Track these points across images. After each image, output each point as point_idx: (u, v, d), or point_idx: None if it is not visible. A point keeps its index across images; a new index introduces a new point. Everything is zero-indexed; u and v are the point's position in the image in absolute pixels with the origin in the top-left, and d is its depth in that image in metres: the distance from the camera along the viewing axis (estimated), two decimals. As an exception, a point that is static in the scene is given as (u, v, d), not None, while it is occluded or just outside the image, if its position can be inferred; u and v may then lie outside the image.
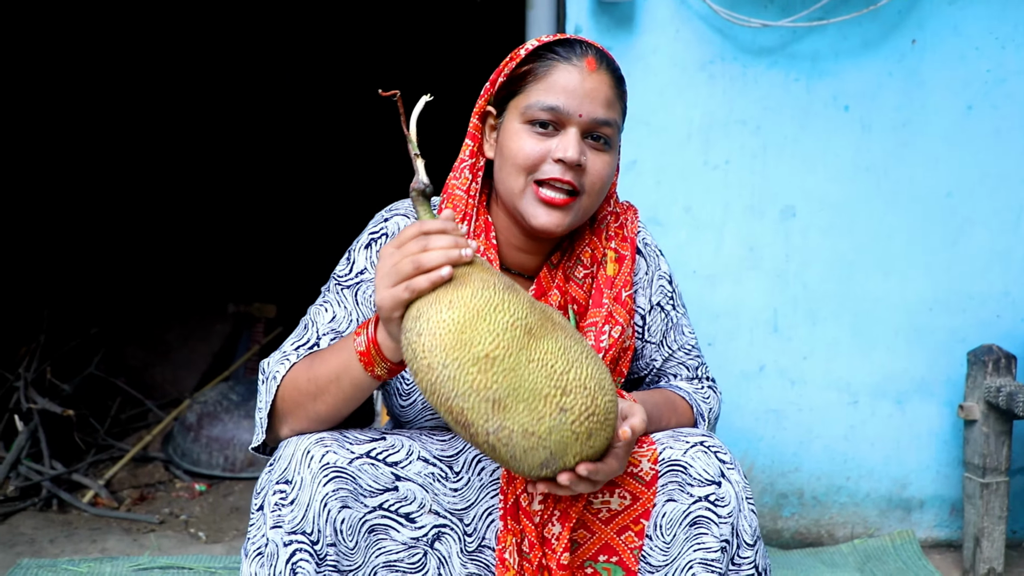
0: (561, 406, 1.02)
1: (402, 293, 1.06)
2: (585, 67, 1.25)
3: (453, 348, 1.01)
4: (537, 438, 1.02)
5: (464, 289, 1.05)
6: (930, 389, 2.33)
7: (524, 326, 1.04)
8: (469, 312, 1.02)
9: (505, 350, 1.02)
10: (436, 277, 1.05)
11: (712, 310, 2.28)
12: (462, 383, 1.01)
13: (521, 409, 1.02)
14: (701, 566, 1.21)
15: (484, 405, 1.01)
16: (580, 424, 1.03)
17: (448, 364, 1.01)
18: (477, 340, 1.01)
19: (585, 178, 1.26)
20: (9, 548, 2.28)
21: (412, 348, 1.04)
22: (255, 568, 1.16)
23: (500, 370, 1.01)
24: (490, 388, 1.01)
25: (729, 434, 2.30)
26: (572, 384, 1.03)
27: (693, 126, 2.22)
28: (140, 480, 2.87)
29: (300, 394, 1.21)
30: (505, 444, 1.03)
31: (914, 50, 2.24)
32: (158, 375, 3.68)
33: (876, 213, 2.29)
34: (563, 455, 1.04)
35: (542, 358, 1.03)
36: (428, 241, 1.07)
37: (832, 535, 2.36)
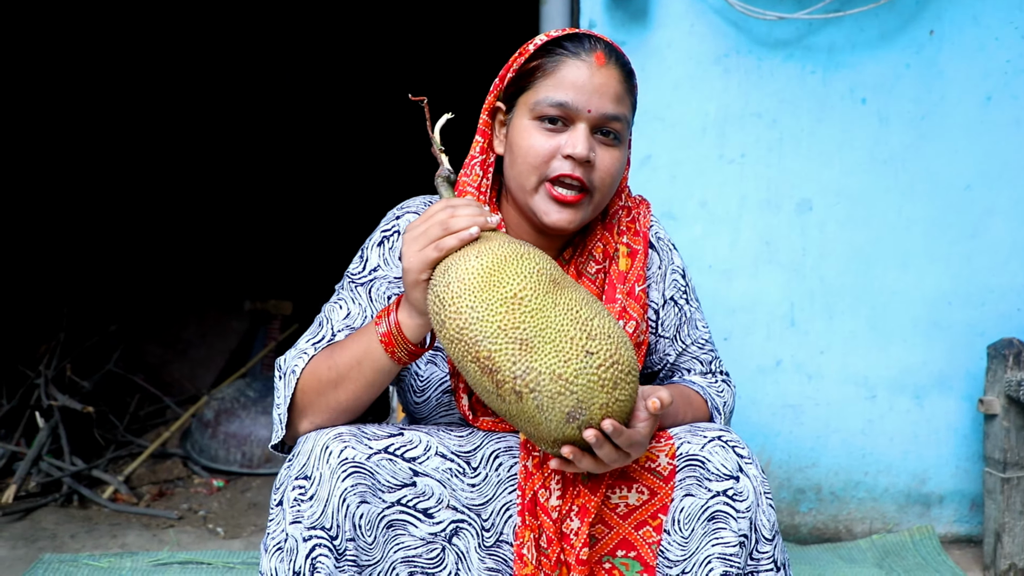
0: (587, 349, 1.04)
1: (431, 253, 1.10)
2: (594, 62, 1.25)
3: (482, 290, 1.04)
4: (564, 381, 1.04)
5: (490, 241, 1.10)
6: (949, 383, 2.32)
7: (549, 276, 1.08)
8: (496, 259, 1.07)
9: (532, 292, 1.05)
10: (466, 235, 1.10)
11: (728, 305, 2.27)
12: (490, 324, 1.03)
13: (548, 350, 1.03)
14: (719, 561, 1.20)
15: (512, 346, 1.03)
16: (606, 370, 1.05)
17: (476, 306, 1.04)
18: (505, 282, 1.05)
19: (595, 174, 1.26)
20: (31, 543, 2.30)
21: (440, 299, 1.07)
22: (275, 563, 1.17)
23: (528, 310, 1.04)
24: (518, 328, 1.03)
25: (746, 429, 2.30)
26: (597, 331, 1.06)
27: (708, 120, 2.21)
28: (159, 476, 2.89)
29: (321, 383, 1.22)
30: (532, 390, 1.04)
31: (932, 41, 2.21)
32: (176, 372, 3.71)
33: (894, 206, 2.27)
34: (590, 403, 1.05)
35: (567, 304, 1.06)
36: (455, 209, 1.12)
37: (850, 530, 2.35)
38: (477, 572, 1.24)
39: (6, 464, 2.77)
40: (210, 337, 3.83)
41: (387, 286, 1.31)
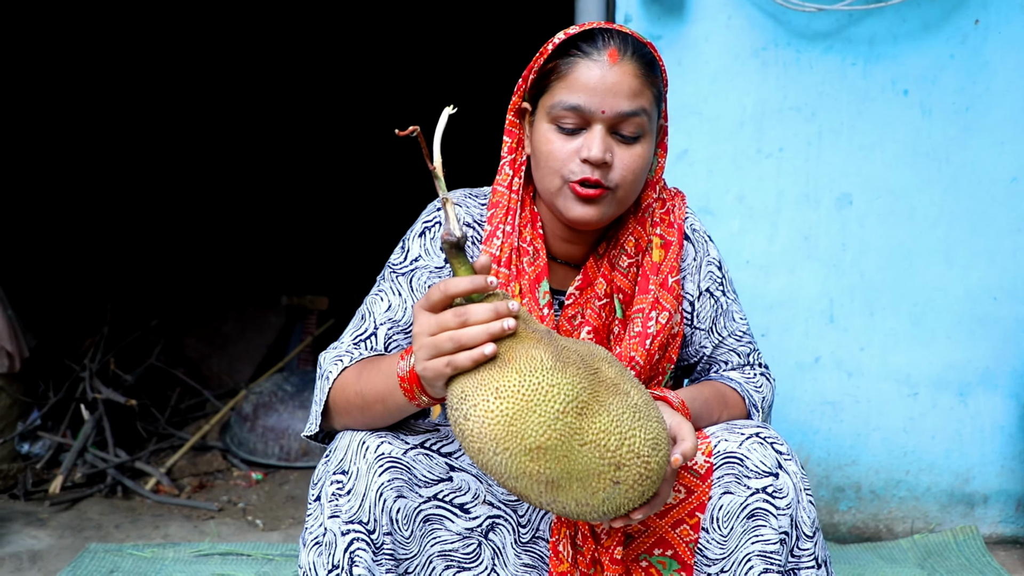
0: (615, 480, 1.02)
1: (444, 369, 1.03)
2: (606, 61, 1.23)
3: (503, 439, 0.99)
4: (591, 507, 1.03)
5: (511, 374, 1.00)
6: (994, 380, 2.26)
7: (575, 408, 1.00)
8: (518, 403, 0.99)
9: (557, 439, 0.99)
10: (479, 355, 1.01)
11: (766, 300, 2.25)
12: (515, 469, 1.00)
13: (575, 487, 1.02)
14: (759, 558, 1.19)
15: (538, 486, 1.01)
16: (633, 491, 1.04)
17: (499, 452, 1.00)
18: (528, 433, 0.99)
19: (613, 174, 1.25)
20: (78, 532, 2.36)
21: (460, 428, 1.02)
22: (313, 557, 1.19)
23: (552, 459, 1.00)
24: (543, 474, 1.00)
25: (784, 426, 2.27)
26: (626, 457, 1.02)
27: (746, 114, 2.19)
28: (199, 468, 2.95)
29: (349, 405, 1.23)
30: (560, 511, 1.05)
31: (977, 31, 2.16)
32: (215, 366, 3.77)
33: (936, 200, 2.22)
34: (616, 513, 1.06)
35: (595, 439, 1.01)
36: (468, 314, 1.02)
37: (891, 530, 2.31)
38: (513, 568, 1.25)
39: (53, 455, 2.84)
40: (248, 332, 3.89)
41: (428, 276, 1.32)
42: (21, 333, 2.85)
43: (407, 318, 1.31)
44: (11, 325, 2.80)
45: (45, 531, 2.35)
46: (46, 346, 3.14)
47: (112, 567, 2.11)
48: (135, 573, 2.09)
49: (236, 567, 2.13)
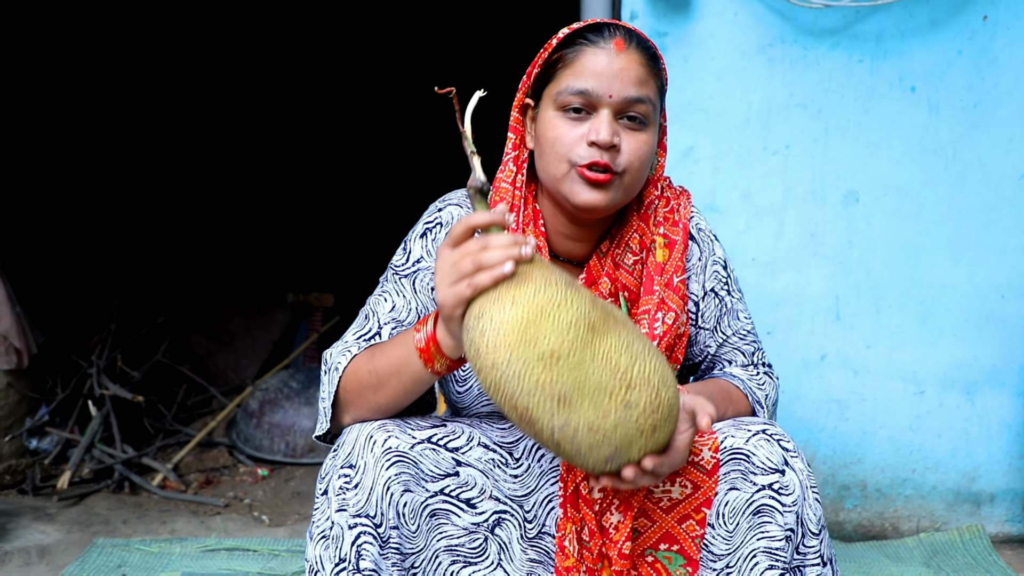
0: (626, 402, 1.03)
1: (464, 290, 1.05)
2: (613, 48, 1.25)
3: (517, 346, 1.01)
4: (602, 434, 1.03)
5: (526, 287, 1.04)
6: (1001, 379, 2.26)
7: (587, 323, 1.04)
8: (533, 310, 1.02)
9: (570, 347, 1.02)
10: (499, 273, 1.04)
11: (772, 298, 2.25)
12: (527, 380, 1.01)
13: (586, 405, 1.02)
14: (765, 555, 1.19)
15: (549, 402, 1.01)
16: (645, 419, 1.03)
17: (512, 362, 1.01)
18: (542, 337, 1.01)
19: (621, 158, 1.25)
20: (86, 527, 2.37)
21: (475, 346, 1.04)
22: (320, 551, 1.19)
23: (565, 367, 1.01)
24: (555, 385, 1.01)
25: (790, 424, 2.27)
26: (636, 379, 1.03)
27: (752, 111, 2.18)
28: (206, 464, 2.96)
29: (361, 385, 1.23)
30: (570, 441, 1.03)
31: (986, 27, 2.16)
32: (221, 362, 3.78)
33: (944, 197, 2.22)
34: (627, 450, 1.05)
35: (606, 354, 1.03)
36: (488, 240, 1.07)
37: (896, 528, 2.31)
38: (519, 563, 1.25)
39: (60, 451, 2.85)
40: (254, 329, 3.90)
41: (430, 277, 1.32)
42: (29, 330, 2.86)
43: (411, 319, 1.31)
44: (19, 322, 2.81)
45: (53, 526, 2.36)
46: (54, 343, 3.15)
47: (120, 562, 2.12)
48: (142, 568, 2.10)
49: (242, 562, 2.14)
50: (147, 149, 4.65)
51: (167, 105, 4.68)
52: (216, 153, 4.80)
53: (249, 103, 4.84)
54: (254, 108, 4.85)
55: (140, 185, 4.60)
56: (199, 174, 4.77)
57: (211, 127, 4.77)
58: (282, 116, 4.90)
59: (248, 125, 4.85)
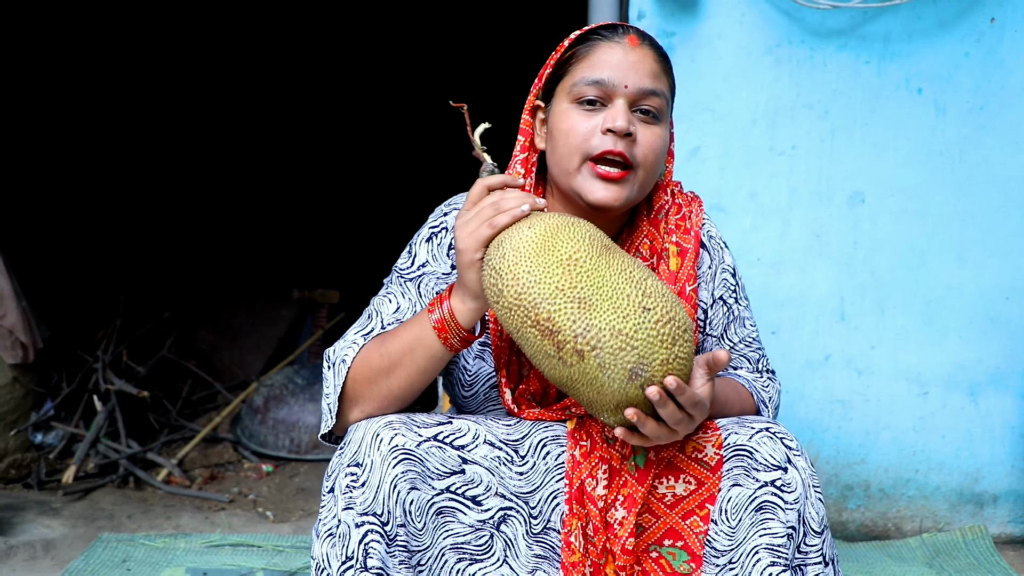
0: (644, 306, 1.07)
1: (484, 230, 1.13)
2: (627, 43, 1.27)
3: (537, 255, 1.08)
4: (625, 336, 1.05)
5: (541, 216, 1.13)
6: (1005, 380, 2.26)
7: (600, 241, 1.12)
8: (549, 227, 1.11)
9: (586, 253, 1.09)
10: (518, 212, 1.13)
11: (777, 298, 2.25)
12: (548, 285, 1.06)
13: (607, 307, 1.06)
14: (767, 551, 1.20)
15: (571, 305, 1.06)
16: (664, 325, 1.07)
17: (533, 270, 1.07)
18: (560, 246, 1.09)
19: (637, 149, 1.25)
20: (91, 522, 2.38)
21: (497, 270, 1.10)
22: (326, 549, 1.19)
23: (584, 270, 1.07)
24: (575, 287, 1.06)
25: (794, 424, 2.27)
26: (652, 289, 1.09)
27: (759, 111, 2.19)
28: (210, 460, 2.97)
29: (373, 371, 1.24)
30: (594, 347, 1.06)
31: (993, 29, 2.16)
32: (226, 358, 3.79)
33: (950, 198, 2.22)
34: (651, 359, 1.06)
35: (620, 265, 1.10)
36: (504, 192, 1.17)
37: (899, 528, 2.31)
38: (525, 559, 1.25)
39: (66, 446, 2.87)
40: (259, 325, 3.91)
41: (435, 282, 1.33)
42: (35, 324, 2.87)
43: None
44: (25, 316, 2.82)
45: (58, 520, 2.38)
46: (60, 337, 3.16)
47: (124, 556, 2.13)
48: (147, 563, 2.11)
49: (247, 558, 2.15)
50: (155, 145, 4.66)
51: (175, 102, 4.69)
52: (224, 150, 4.81)
53: (256, 100, 4.85)
54: (261, 105, 4.86)
55: (147, 180, 4.61)
56: (207, 170, 4.78)
57: (219, 124, 4.78)
58: (289, 113, 4.91)
59: (255, 122, 4.86)
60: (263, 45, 4.78)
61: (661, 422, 1.12)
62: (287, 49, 4.83)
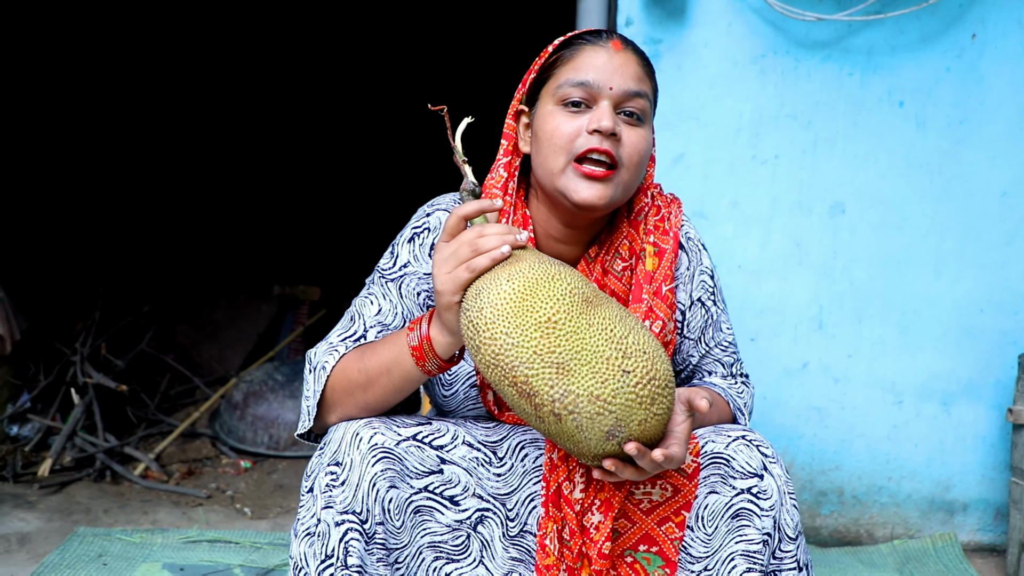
0: (624, 368, 1.04)
1: (462, 273, 1.10)
2: (611, 47, 1.28)
3: (515, 315, 1.04)
4: (603, 402, 1.03)
5: (521, 263, 1.09)
6: (978, 391, 2.30)
7: (581, 295, 1.07)
8: (528, 282, 1.06)
9: (566, 315, 1.05)
10: (497, 254, 1.09)
11: (756, 306, 2.27)
12: (526, 349, 1.03)
13: (585, 372, 1.03)
14: (743, 558, 1.21)
15: (549, 371, 1.03)
16: (643, 387, 1.04)
17: (511, 332, 1.04)
18: (538, 306, 1.05)
19: (622, 149, 1.26)
20: (66, 516, 2.37)
21: (474, 324, 1.06)
22: (304, 548, 1.20)
23: (562, 333, 1.04)
24: (554, 352, 1.03)
25: (770, 430, 2.30)
26: (632, 348, 1.05)
27: (743, 120, 2.21)
28: (188, 455, 2.95)
29: (351, 384, 1.24)
30: (571, 411, 1.04)
31: (974, 45, 2.19)
32: (205, 353, 3.77)
33: (928, 211, 2.25)
34: (628, 421, 1.05)
35: (601, 323, 1.06)
36: (483, 228, 1.12)
37: (871, 535, 2.35)
38: (501, 560, 1.26)
39: (42, 438, 2.84)
40: (240, 320, 3.89)
41: (417, 282, 1.33)
42: (13, 315, 2.85)
43: (396, 323, 1.32)
44: (3, 308, 2.79)
45: (34, 514, 2.36)
46: (38, 329, 3.13)
47: (100, 551, 2.12)
48: (123, 558, 2.10)
49: (224, 554, 2.14)
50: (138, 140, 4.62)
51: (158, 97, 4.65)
52: (207, 145, 4.79)
53: (240, 97, 4.82)
54: (245, 102, 4.84)
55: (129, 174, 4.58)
56: (190, 165, 4.75)
57: (203, 120, 4.75)
58: (273, 111, 4.89)
59: (239, 119, 4.83)
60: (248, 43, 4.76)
61: (639, 468, 1.11)
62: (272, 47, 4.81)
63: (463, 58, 4.71)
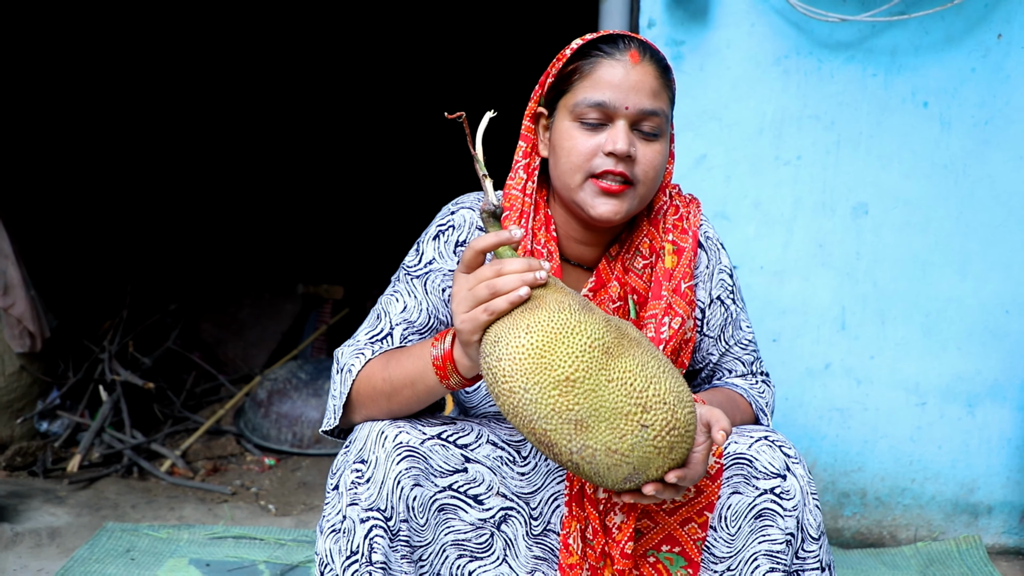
0: (642, 423, 1.04)
1: (481, 315, 1.08)
2: (628, 60, 1.28)
3: (534, 372, 1.03)
4: (620, 455, 1.04)
5: (540, 312, 1.06)
6: (1003, 393, 2.28)
7: (602, 346, 1.05)
8: (547, 336, 1.04)
9: (585, 372, 1.04)
10: (515, 297, 1.07)
11: (779, 306, 2.27)
12: (544, 406, 1.03)
13: (603, 428, 1.04)
14: (766, 558, 1.22)
15: (567, 427, 1.04)
16: (662, 439, 1.05)
17: (529, 388, 1.04)
18: (557, 363, 1.04)
19: (637, 168, 1.28)
20: (95, 511, 2.41)
21: (492, 372, 1.06)
22: (329, 544, 1.22)
23: (581, 391, 1.03)
24: (572, 410, 1.03)
25: (792, 431, 2.29)
26: (652, 400, 1.05)
27: (765, 121, 2.21)
28: (213, 452, 2.99)
29: (375, 392, 1.26)
30: (589, 462, 1.05)
31: (1000, 45, 2.17)
32: (230, 351, 3.82)
33: (953, 212, 2.24)
34: (645, 469, 1.06)
35: (621, 377, 1.05)
36: (502, 265, 1.10)
37: (894, 537, 2.34)
38: (524, 559, 1.28)
39: (71, 435, 2.89)
40: (264, 319, 3.94)
41: (442, 279, 1.35)
42: (43, 314, 2.90)
43: (422, 319, 1.34)
44: (33, 306, 2.85)
45: (63, 509, 2.40)
46: (67, 327, 3.19)
47: (128, 546, 2.16)
48: (150, 552, 2.14)
49: (249, 550, 2.17)
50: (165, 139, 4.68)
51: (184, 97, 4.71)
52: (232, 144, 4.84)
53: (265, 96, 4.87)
54: (270, 101, 4.88)
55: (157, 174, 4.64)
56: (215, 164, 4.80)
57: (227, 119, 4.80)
58: (298, 110, 4.93)
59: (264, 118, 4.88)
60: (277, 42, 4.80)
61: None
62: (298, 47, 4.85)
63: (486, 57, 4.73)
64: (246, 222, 4.72)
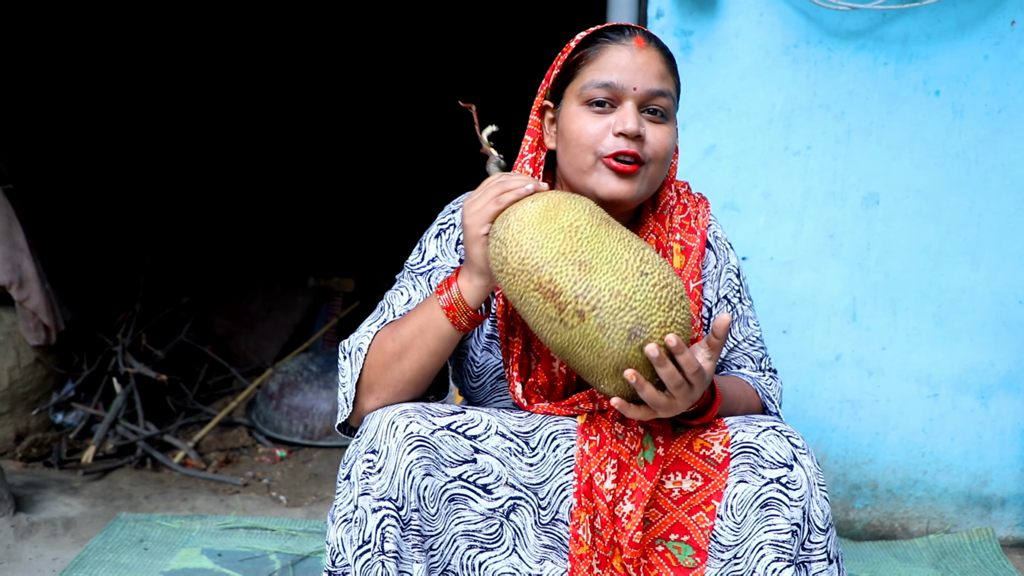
0: (642, 270, 1.12)
1: (491, 206, 1.19)
2: (634, 45, 1.30)
3: (540, 224, 1.14)
4: (624, 297, 1.10)
5: (545, 193, 1.20)
6: (1017, 384, 2.27)
7: (600, 215, 1.18)
8: (551, 200, 1.17)
9: (587, 222, 1.15)
10: (523, 190, 1.19)
11: (789, 297, 2.26)
12: (550, 250, 1.13)
13: (606, 270, 1.11)
14: (771, 547, 1.22)
15: (571, 268, 1.11)
16: (661, 289, 1.12)
17: (536, 237, 1.14)
18: (562, 215, 1.15)
19: (647, 148, 1.29)
20: (109, 502, 2.43)
21: (502, 240, 1.16)
22: (341, 534, 1.23)
23: (584, 236, 1.14)
24: (576, 251, 1.12)
25: (802, 423, 2.29)
26: (649, 256, 1.15)
27: (775, 111, 2.20)
28: (225, 444, 3.02)
29: (386, 355, 1.28)
30: (594, 307, 1.10)
31: (1013, 32, 2.15)
32: (242, 344, 3.84)
33: (965, 201, 2.22)
34: (649, 320, 1.11)
35: (619, 235, 1.16)
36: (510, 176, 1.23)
37: (906, 529, 2.33)
38: (533, 548, 1.28)
39: (85, 426, 2.92)
40: (275, 311, 3.96)
41: (445, 275, 1.36)
42: (58, 307, 2.93)
43: None
44: (48, 299, 2.87)
45: (78, 499, 2.43)
46: (81, 320, 3.22)
47: (142, 536, 2.18)
48: (164, 543, 2.16)
49: (260, 541, 2.19)
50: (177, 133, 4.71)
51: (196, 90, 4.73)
52: (244, 138, 4.86)
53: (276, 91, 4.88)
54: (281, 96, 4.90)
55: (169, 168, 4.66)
56: (227, 158, 4.82)
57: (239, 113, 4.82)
58: (308, 105, 4.95)
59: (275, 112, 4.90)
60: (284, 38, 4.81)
61: (659, 388, 1.14)
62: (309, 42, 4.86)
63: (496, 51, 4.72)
64: (258, 216, 4.74)
